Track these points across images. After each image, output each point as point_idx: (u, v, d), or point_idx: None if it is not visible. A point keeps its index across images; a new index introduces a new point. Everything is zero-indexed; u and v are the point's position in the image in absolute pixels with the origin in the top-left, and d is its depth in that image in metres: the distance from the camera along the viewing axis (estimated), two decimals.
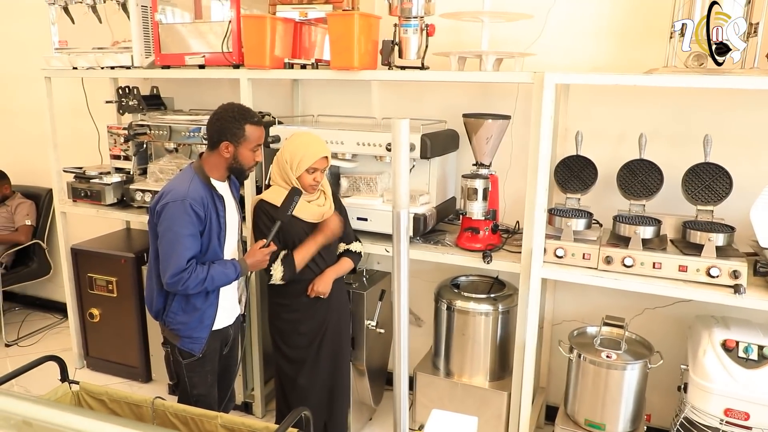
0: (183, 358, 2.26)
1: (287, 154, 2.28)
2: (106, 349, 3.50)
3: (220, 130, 2.15)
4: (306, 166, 2.25)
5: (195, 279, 2.07)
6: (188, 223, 2.08)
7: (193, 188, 2.12)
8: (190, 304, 2.20)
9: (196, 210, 2.09)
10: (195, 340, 2.24)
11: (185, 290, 2.10)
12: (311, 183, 2.29)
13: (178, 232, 2.07)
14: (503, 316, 2.62)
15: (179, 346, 2.24)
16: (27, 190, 4.14)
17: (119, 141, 3.28)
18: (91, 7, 3.07)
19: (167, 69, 2.98)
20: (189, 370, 2.27)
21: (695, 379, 2.17)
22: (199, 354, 2.25)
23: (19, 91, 4.08)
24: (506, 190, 2.88)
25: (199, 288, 2.10)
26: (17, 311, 4.42)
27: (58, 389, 2.03)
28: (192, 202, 2.08)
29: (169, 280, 2.07)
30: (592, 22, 2.64)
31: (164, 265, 2.09)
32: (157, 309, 2.27)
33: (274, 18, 2.63)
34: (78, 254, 3.42)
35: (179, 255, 2.06)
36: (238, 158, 2.19)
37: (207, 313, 2.24)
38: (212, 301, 2.25)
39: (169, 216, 2.08)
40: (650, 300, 2.64)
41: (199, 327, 2.23)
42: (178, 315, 2.21)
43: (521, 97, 2.77)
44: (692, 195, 2.35)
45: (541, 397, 2.93)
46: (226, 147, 2.16)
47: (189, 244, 2.08)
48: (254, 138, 2.19)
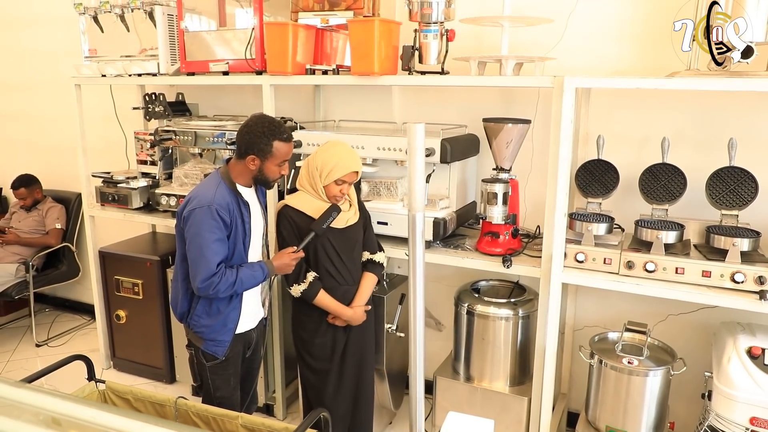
0: (206, 360, 2.28)
1: (319, 162, 2.27)
2: (131, 350, 3.58)
3: (248, 143, 2.16)
4: (336, 177, 2.24)
5: (225, 282, 2.10)
6: (215, 228, 2.10)
7: (219, 194, 2.14)
8: (214, 307, 2.23)
9: (222, 215, 2.11)
10: (218, 343, 2.27)
11: (216, 294, 2.12)
12: (336, 194, 2.28)
13: (206, 237, 2.09)
14: (523, 320, 2.60)
15: (203, 349, 2.27)
16: (57, 194, 4.26)
17: (146, 146, 3.36)
18: (119, 17, 3.15)
19: (192, 76, 3.04)
20: (212, 372, 2.30)
21: (720, 386, 2.13)
22: (222, 357, 2.28)
23: (50, 98, 4.20)
24: (527, 195, 2.87)
25: (229, 291, 2.13)
26: (47, 312, 4.55)
27: (85, 388, 2.09)
28: (218, 208, 2.11)
29: (200, 285, 2.10)
30: (612, 26, 2.62)
31: (194, 270, 2.12)
32: (181, 311, 2.30)
33: (296, 25, 2.67)
34: (105, 257, 3.50)
35: (208, 260, 2.09)
36: (264, 171, 2.20)
37: (230, 317, 2.26)
38: (235, 304, 2.27)
39: (196, 221, 2.11)
40: (674, 306, 2.61)
41: (223, 330, 2.26)
42: (202, 318, 2.24)
43: (541, 102, 2.76)
44: (716, 199, 2.31)
45: (563, 403, 2.90)
46: (252, 160, 2.17)
47: (217, 249, 2.11)
48: (281, 154, 2.19)
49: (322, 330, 2.39)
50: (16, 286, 3.91)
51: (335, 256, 2.34)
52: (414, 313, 1.14)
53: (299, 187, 2.36)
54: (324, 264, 2.33)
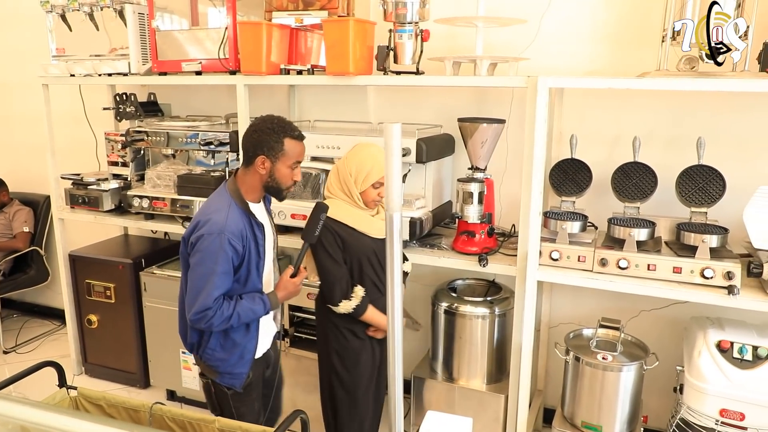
0: (227, 389, 2.09)
1: (353, 167, 2.13)
2: (104, 355, 3.51)
3: (256, 142, 1.97)
4: (374, 180, 2.12)
5: (220, 317, 1.92)
6: (223, 261, 1.90)
7: (231, 218, 1.93)
8: (230, 339, 2.03)
9: (234, 245, 1.92)
10: (235, 376, 2.07)
11: (209, 327, 1.96)
12: (375, 198, 2.16)
13: (210, 268, 1.90)
14: (500, 319, 2.63)
15: (218, 382, 2.08)
16: (25, 197, 4.15)
17: (117, 147, 3.30)
18: (88, 15, 3.09)
19: (164, 76, 2.99)
20: (235, 401, 2.11)
21: (691, 380, 2.18)
22: (239, 389, 2.09)
23: (16, 98, 4.10)
24: (502, 194, 2.90)
25: (224, 326, 1.95)
26: (15, 318, 4.43)
27: (56, 395, 2.04)
28: (230, 237, 1.90)
29: (192, 317, 1.92)
30: (585, 27, 2.66)
31: (190, 298, 1.94)
32: (191, 343, 2.10)
33: (270, 24, 2.65)
34: (76, 260, 3.43)
35: (207, 293, 1.90)
36: (275, 175, 1.99)
37: (247, 348, 2.08)
38: (253, 333, 2.08)
39: (203, 249, 1.90)
40: (646, 302, 2.66)
41: (240, 363, 2.07)
42: (217, 351, 2.04)
43: (516, 101, 2.79)
44: (686, 197, 2.37)
45: (539, 400, 2.94)
46: (262, 162, 1.97)
47: (219, 283, 1.91)
48: (293, 154, 2.00)
49: (366, 347, 2.27)
50: None
51: (379, 267, 2.22)
52: (391, 313, 1.13)
53: (330, 195, 2.21)
54: (369, 275, 2.21)
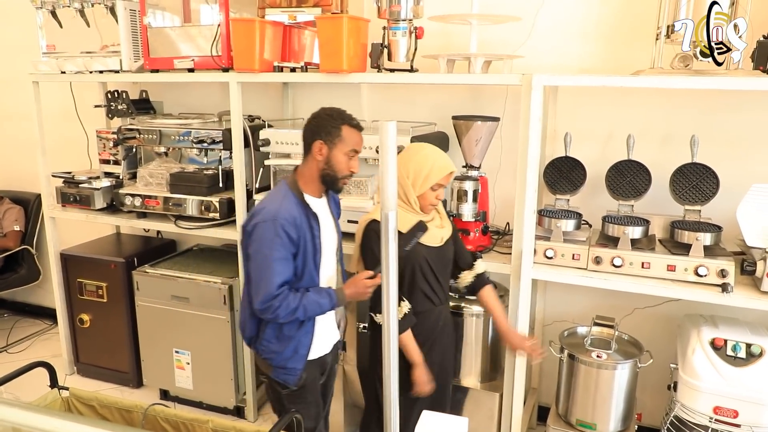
0: (282, 388, 2.09)
1: (410, 169, 2.04)
2: (96, 354, 3.48)
3: (314, 128, 1.98)
4: (433, 182, 2.02)
5: (286, 308, 1.90)
6: (279, 246, 1.89)
7: (285, 206, 1.93)
8: (285, 331, 2.02)
9: (288, 231, 1.90)
10: (289, 371, 2.05)
11: (275, 318, 1.94)
12: (433, 201, 2.07)
13: (267, 255, 1.90)
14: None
15: (272, 377, 2.08)
16: (15, 195, 4.11)
17: (108, 145, 3.28)
18: (78, 11, 3.05)
19: (156, 73, 2.97)
20: (289, 401, 2.09)
21: (684, 377, 2.19)
22: (293, 386, 2.07)
23: (6, 95, 4.05)
24: (496, 192, 2.90)
25: (289, 317, 1.93)
26: (6, 318, 4.39)
27: (47, 395, 2.02)
28: (284, 223, 1.89)
29: (258, 306, 1.92)
30: (579, 25, 2.66)
31: (254, 289, 1.94)
32: (249, 336, 2.09)
33: (263, 21, 2.63)
34: (67, 259, 3.40)
35: (269, 280, 1.89)
36: (331, 162, 1.97)
37: (302, 342, 2.05)
38: (308, 329, 2.06)
39: (258, 237, 1.91)
40: (640, 300, 2.66)
41: (294, 357, 2.04)
42: (272, 343, 2.04)
43: (510, 99, 2.78)
44: (680, 195, 2.37)
45: (533, 398, 2.94)
46: (320, 149, 1.96)
47: (280, 269, 1.90)
48: (351, 141, 1.98)
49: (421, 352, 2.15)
50: None
51: (432, 277, 2.12)
52: (387, 311, 1.13)
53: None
54: (421, 286, 2.11)
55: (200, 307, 3.00)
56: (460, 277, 2.28)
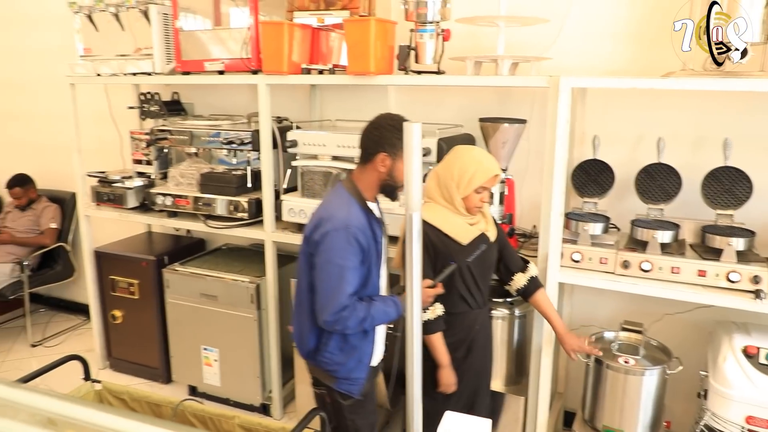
0: (344, 399, 2.02)
1: (455, 170, 2.03)
2: (127, 350, 3.57)
3: (378, 140, 1.90)
4: (477, 184, 2.02)
5: (355, 318, 1.85)
6: (351, 255, 1.84)
7: (353, 214, 1.89)
8: (349, 343, 1.97)
9: (359, 239, 1.85)
10: (353, 382, 2.01)
11: (343, 330, 1.88)
12: (477, 204, 2.05)
13: (341, 264, 1.83)
14: (520, 320, 2.60)
15: (335, 388, 2.01)
16: (52, 194, 4.24)
17: (141, 146, 3.36)
18: (114, 15, 3.14)
19: (187, 75, 3.03)
20: (351, 412, 2.03)
21: (715, 385, 2.14)
22: (358, 396, 2.02)
23: (45, 97, 4.19)
24: (523, 194, 2.88)
25: (358, 328, 1.89)
26: (42, 312, 4.53)
27: (81, 388, 2.09)
28: (355, 231, 1.85)
29: (329, 318, 1.85)
30: (608, 26, 2.63)
31: (323, 301, 1.86)
32: (309, 348, 2.01)
33: (292, 24, 2.67)
34: (101, 257, 3.49)
35: (341, 291, 1.83)
36: (393, 173, 1.92)
37: (365, 351, 2.02)
38: (371, 337, 2.03)
39: (330, 246, 1.84)
40: (670, 305, 2.61)
41: (358, 367, 2.01)
42: (335, 355, 1.97)
43: (537, 101, 2.76)
44: (711, 199, 2.32)
45: (559, 402, 2.91)
46: (383, 160, 1.90)
47: (351, 279, 1.85)
48: None
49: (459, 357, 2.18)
50: (11, 286, 3.89)
51: (471, 281, 2.12)
52: (411, 312, 1.14)
53: (428, 199, 2.13)
54: (459, 289, 2.11)
55: (228, 306, 3.05)
56: (513, 280, 2.26)
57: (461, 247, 2.06)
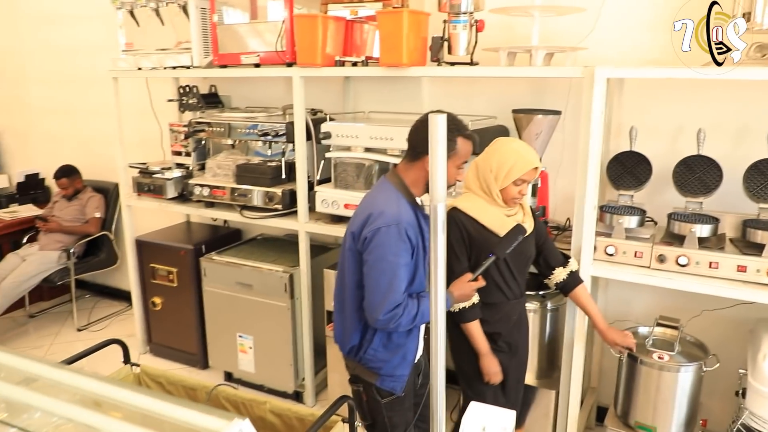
0: (382, 397, 1.99)
1: (494, 162, 2.02)
2: (167, 336, 3.69)
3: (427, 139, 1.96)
4: (516, 176, 1.99)
5: (407, 315, 1.81)
6: (403, 251, 1.81)
7: (403, 209, 1.85)
8: (393, 340, 1.94)
9: (410, 235, 1.82)
10: (397, 379, 1.97)
11: (396, 328, 1.84)
12: (515, 196, 2.03)
13: (394, 261, 1.79)
14: (552, 313, 2.58)
15: (378, 385, 1.97)
16: (97, 184, 4.39)
17: (180, 138, 3.44)
18: (154, 11, 3.22)
19: (224, 68, 3.09)
20: (389, 409, 2.00)
21: (755, 384, 2.08)
22: (400, 393, 1.99)
23: (90, 91, 4.33)
24: (557, 187, 2.84)
25: (409, 325, 1.84)
26: (88, 298, 4.72)
27: (121, 370, 2.17)
28: (407, 227, 1.82)
29: (381, 317, 1.79)
30: (645, 15, 2.56)
31: (375, 299, 1.81)
32: (351, 345, 1.98)
33: (326, 17, 2.69)
34: (142, 245, 3.61)
35: (395, 289, 1.79)
36: None
37: (410, 348, 1.99)
38: (415, 334, 2.00)
39: (382, 243, 1.80)
40: (708, 301, 2.54)
41: (402, 364, 1.97)
42: (379, 352, 1.94)
43: (572, 92, 2.72)
44: (754, 192, 2.25)
45: (592, 397, 2.88)
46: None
47: (404, 276, 1.82)
48: (464, 153, 1.89)
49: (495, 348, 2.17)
50: (59, 273, 4.06)
51: (507, 272, 2.12)
52: (435, 304, 1.14)
53: (466, 189, 2.13)
54: (495, 279, 2.11)
55: (263, 294, 3.11)
56: (554, 274, 2.24)
57: (497, 238, 2.05)
